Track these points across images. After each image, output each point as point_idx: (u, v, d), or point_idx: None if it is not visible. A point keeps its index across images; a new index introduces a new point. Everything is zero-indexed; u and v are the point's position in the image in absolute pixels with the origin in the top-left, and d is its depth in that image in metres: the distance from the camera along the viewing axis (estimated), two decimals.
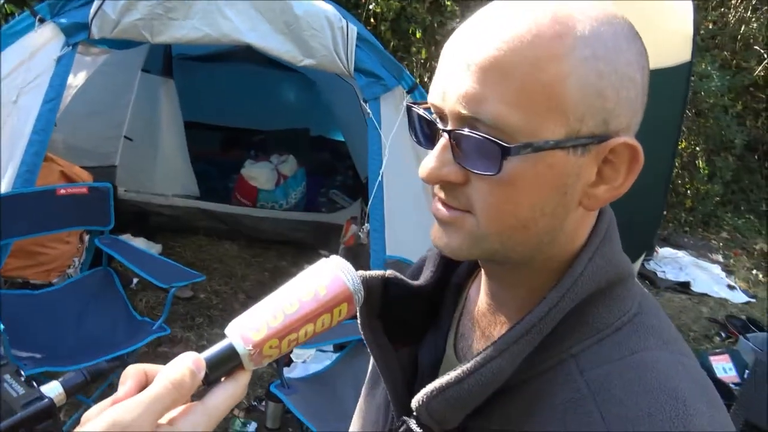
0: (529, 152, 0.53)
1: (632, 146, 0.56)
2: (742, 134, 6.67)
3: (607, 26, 0.54)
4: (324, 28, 2.96)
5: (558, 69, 0.52)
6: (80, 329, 2.60)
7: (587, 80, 0.53)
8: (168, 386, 0.53)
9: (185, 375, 0.54)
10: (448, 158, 0.57)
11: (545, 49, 0.52)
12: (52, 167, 3.05)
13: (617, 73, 0.54)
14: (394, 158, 3.02)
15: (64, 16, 2.77)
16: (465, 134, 0.55)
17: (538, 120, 0.53)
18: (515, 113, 0.52)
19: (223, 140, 5.78)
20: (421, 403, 0.60)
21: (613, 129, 0.55)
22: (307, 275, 0.61)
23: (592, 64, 0.53)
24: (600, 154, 0.56)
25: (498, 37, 0.53)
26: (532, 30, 0.53)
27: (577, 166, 0.56)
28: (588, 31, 0.53)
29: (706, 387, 0.59)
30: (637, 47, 0.56)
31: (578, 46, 0.53)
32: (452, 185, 0.58)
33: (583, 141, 0.55)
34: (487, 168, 0.54)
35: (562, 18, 0.53)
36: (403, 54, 5.70)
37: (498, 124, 0.53)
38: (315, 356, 3.14)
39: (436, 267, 0.73)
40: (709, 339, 4.42)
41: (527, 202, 0.56)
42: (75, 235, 3.30)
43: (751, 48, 7.11)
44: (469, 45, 0.55)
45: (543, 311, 0.57)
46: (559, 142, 0.54)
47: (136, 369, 0.57)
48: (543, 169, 0.55)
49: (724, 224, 6.82)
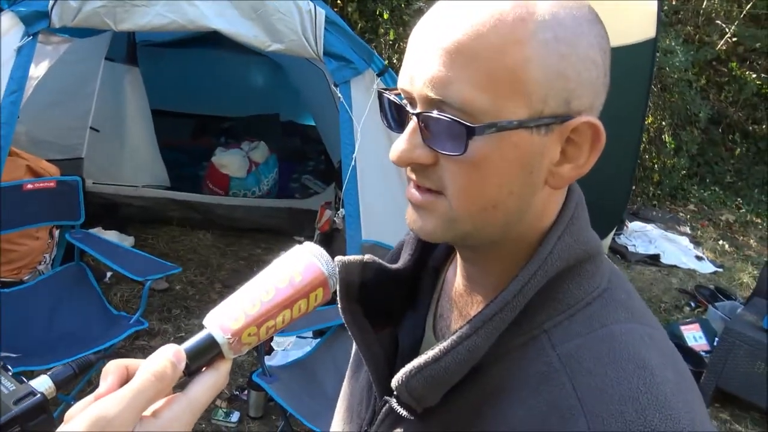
0: (494, 132, 0.55)
1: (594, 125, 0.58)
2: (706, 108, 6.80)
3: (568, 10, 0.56)
4: (292, 11, 2.91)
5: (520, 52, 0.54)
6: (55, 326, 2.56)
7: (549, 62, 0.55)
8: (150, 379, 0.54)
9: (166, 367, 0.55)
10: (418, 141, 0.59)
11: (508, 33, 0.54)
12: (17, 162, 2.97)
13: (578, 55, 0.56)
14: (367, 142, 3.01)
15: (23, 5, 2.67)
16: (433, 116, 0.56)
17: (503, 101, 0.55)
18: (480, 95, 0.54)
19: (192, 128, 5.69)
20: (401, 383, 0.62)
21: (575, 109, 0.57)
22: (281, 262, 0.63)
23: (553, 46, 0.55)
24: (563, 134, 0.58)
25: (463, 23, 0.55)
26: (495, 15, 0.55)
27: (541, 145, 0.57)
28: (549, 15, 0.55)
29: (674, 357, 0.61)
30: (597, 30, 0.58)
31: (539, 30, 0.55)
32: (423, 167, 0.60)
33: (546, 121, 0.56)
34: (455, 148, 0.56)
35: (523, 3, 0.55)
36: (371, 36, 5.66)
37: (464, 106, 0.55)
38: (295, 343, 3.15)
39: (413, 250, 0.75)
40: (680, 309, 4.54)
41: (495, 181, 0.58)
42: (44, 231, 3.23)
43: (713, 23, 7.23)
44: (436, 31, 0.57)
45: (515, 289, 0.59)
46: (523, 122, 0.55)
47: (116, 364, 0.57)
48: (508, 148, 0.56)
49: (691, 197, 6.97)
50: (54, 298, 2.69)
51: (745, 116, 7.74)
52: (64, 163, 3.66)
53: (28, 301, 2.63)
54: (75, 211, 2.73)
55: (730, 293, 4.71)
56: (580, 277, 0.62)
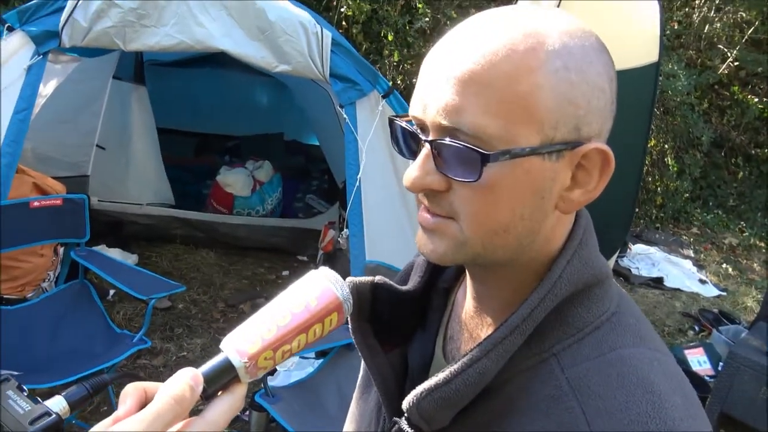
0: (507, 159, 0.56)
1: (604, 151, 0.60)
2: (708, 131, 6.83)
3: (577, 40, 0.58)
4: (298, 33, 2.95)
5: (532, 81, 0.56)
6: (58, 344, 2.55)
7: (559, 90, 0.56)
8: (170, 402, 0.55)
9: (185, 390, 0.56)
10: (431, 167, 0.60)
11: (519, 62, 0.56)
12: (24, 179, 2.99)
13: (587, 83, 0.57)
14: (371, 162, 3.03)
15: (34, 24, 2.71)
16: (446, 143, 0.58)
17: (515, 128, 0.56)
18: (493, 123, 0.56)
19: (197, 146, 5.72)
20: (412, 404, 0.63)
21: (585, 135, 0.59)
22: (297, 287, 0.64)
23: (563, 74, 0.56)
24: (573, 160, 0.59)
25: (475, 52, 0.57)
26: (507, 45, 0.56)
27: (552, 171, 0.59)
28: (559, 45, 0.57)
29: (681, 382, 0.62)
30: (605, 59, 0.60)
31: (550, 59, 0.56)
32: (435, 193, 0.61)
33: (558, 147, 0.58)
34: (468, 175, 0.57)
35: (534, 33, 0.57)
36: (375, 57, 5.71)
37: (477, 133, 0.56)
38: (298, 363, 3.13)
39: (423, 272, 0.77)
40: (683, 333, 4.51)
41: (507, 206, 0.59)
42: (49, 248, 3.24)
43: (715, 47, 7.28)
44: (448, 60, 0.58)
45: (525, 313, 0.60)
46: (535, 148, 0.57)
47: (135, 387, 0.58)
48: (520, 174, 0.58)
49: (694, 220, 6.97)
50: (57, 315, 2.68)
51: (748, 140, 7.77)
52: (69, 180, 3.67)
53: (31, 319, 2.63)
54: (81, 228, 2.74)
55: (734, 317, 4.68)
56: (589, 300, 0.63)
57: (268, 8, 2.92)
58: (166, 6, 2.83)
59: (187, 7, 2.85)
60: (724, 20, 7.24)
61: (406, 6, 5.83)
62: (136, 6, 2.78)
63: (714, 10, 7.27)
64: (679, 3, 7.21)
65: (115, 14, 2.77)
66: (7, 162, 2.61)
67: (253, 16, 2.92)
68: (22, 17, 2.71)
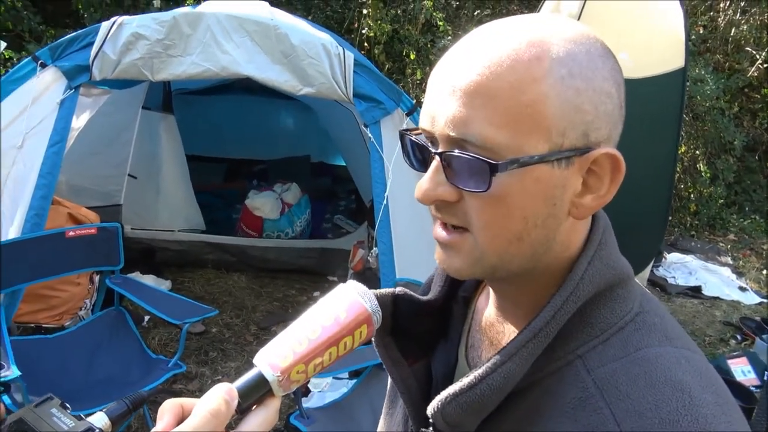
0: (516, 168, 0.57)
1: (613, 156, 0.60)
2: (740, 135, 6.69)
3: (581, 46, 0.58)
4: (321, 56, 2.99)
5: (538, 89, 0.56)
6: (96, 371, 2.59)
7: (566, 97, 0.57)
8: (207, 416, 0.57)
9: (221, 404, 0.58)
10: (441, 179, 0.61)
11: (524, 72, 0.56)
12: (59, 210, 3.07)
13: (594, 89, 0.58)
14: (398, 180, 3.03)
15: (65, 60, 2.80)
16: (455, 155, 0.58)
17: (523, 137, 0.56)
18: (501, 133, 0.56)
19: (225, 171, 5.82)
20: (436, 410, 0.63)
21: (593, 141, 0.59)
22: (326, 301, 0.65)
23: (569, 82, 0.57)
24: (583, 165, 0.60)
25: (480, 63, 0.57)
26: (511, 55, 0.57)
27: (562, 177, 0.59)
28: (563, 52, 0.57)
29: (712, 379, 0.61)
30: (611, 64, 0.60)
31: (555, 67, 0.57)
32: (447, 204, 0.62)
33: (566, 154, 0.58)
34: (478, 185, 0.58)
35: (537, 42, 0.57)
36: (398, 76, 5.75)
37: (486, 143, 0.57)
38: (331, 385, 3.12)
39: (443, 282, 0.77)
40: (725, 342, 4.38)
41: (519, 215, 0.59)
42: (85, 277, 3.30)
43: (742, 50, 7.15)
44: (454, 72, 0.59)
45: (548, 316, 0.60)
46: (544, 156, 0.57)
47: (172, 403, 0.60)
48: (530, 182, 0.58)
49: (730, 226, 6.80)
50: (94, 342, 2.73)
51: None
52: (103, 209, 3.75)
53: (69, 347, 2.67)
54: (115, 256, 2.79)
55: None
56: (612, 301, 0.63)
57: (290, 32, 2.97)
58: (192, 35, 2.90)
59: (212, 35, 2.91)
60: (750, 22, 7.12)
61: (426, 24, 5.88)
62: (163, 37, 2.86)
63: (739, 12, 7.16)
64: (704, 8, 7.12)
65: (143, 46, 2.84)
66: (42, 194, 2.68)
67: (276, 41, 2.97)
68: (54, 53, 2.80)
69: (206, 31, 2.91)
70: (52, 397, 0.63)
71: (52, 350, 2.63)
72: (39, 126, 2.75)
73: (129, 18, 2.87)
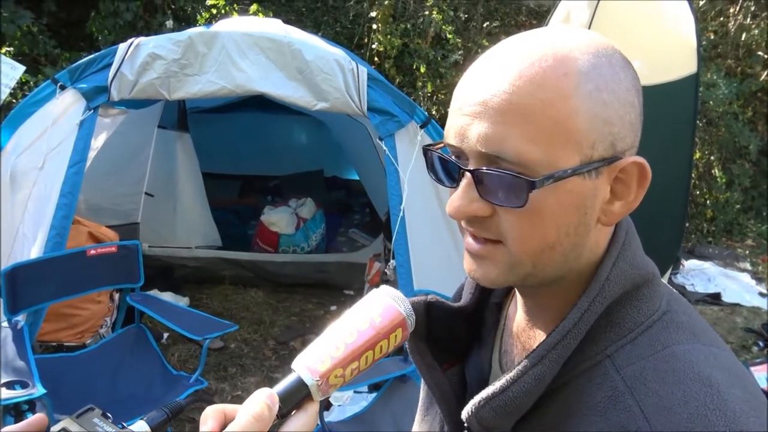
0: (551, 183, 0.58)
1: (640, 163, 0.62)
2: (755, 140, 6.64)
3: (604, 59, 0.60)
4: (335, 71, 3.01)
5: (568, 105, 0.57)
6: (119, 388, 2.60)
7: (594, 111, 0.58)
8: (250, 420, 0.58)
9: (263, 408, 0.59)
10: (474, 195, 0.61)
11: (553, 89, 0.57)
12: (79, 229, 3.10)
13: (619, 101, 0.59)
14: (413, 192, 3.04)
15: (84, 81, 2.85)
16: (491, 172, 0.59)
17: (556, 152, 0.58)
18: (535, 149, 0.57)
19: (240, 188, 5.86)
20: (471, 414, 0.65)
21: (620, 150, 0.61)
22: (360, 306, 0.66)
23: (596, 96, 0.58)
24: (612, 174, 0.62)
25: (508, 81, 0.58)
26: (539, 72, 0.58)
27: (593, 187, 0.61)
28: (588, 66, 0.59)
29: (741, 374, 0.61)
30: (631, 73, 0.62)
31: (582, 82, 0.58)
32: (480, 219, 0.63)
33: (596, 165, 0.60)
34: (514, 201, 0.59)
35: (564, 57, 0.59)
36: (409, 89, 5.78)
37: (521, 160, 0.58)
38: (352, 398, 3.12)
39: (474, 289, 0.79)
40: (747, 349, 4.33)
41: (552, 226, 0.61)
42: (105, 295, 3.33)
43: (754, 54, 7.12)
44: (482, 89, 0.60)
45: (576, 317, 0.62)
46: (576, 169, 0.59)
47: (214, 409, 0.61)
48: (563, 195, 0.59)
49: (748, 231, 6.74)
50: (116, 360, 2.74)
51: None
52: (121, 228, 3.79)
53: (92, 365, 2.69)
54: (135, 273, 2.82)
55: None
56: (639, 301, 0.64)
57: (304, 49, 3.00)
58: (207, 54, 2.93)
59: (227, 54, 2.95)
60: (761, 27, 7.09)
61: (436, 38, 5.91)
62: (179, 56, 2.90)
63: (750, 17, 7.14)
64: (713, 13, 7.11)
65: (160, 66, 2.88)
66: (63, 214, 2.72)
67: (290, 58, 3.00)
68: (73, 75, 2.85)
69: (221, 49, 2.95)
70: (93, 408, 0.64)
71: (75, 368, 2.65)
72: (59, 147, 2.79)
73: (145, 39, 2.92)
